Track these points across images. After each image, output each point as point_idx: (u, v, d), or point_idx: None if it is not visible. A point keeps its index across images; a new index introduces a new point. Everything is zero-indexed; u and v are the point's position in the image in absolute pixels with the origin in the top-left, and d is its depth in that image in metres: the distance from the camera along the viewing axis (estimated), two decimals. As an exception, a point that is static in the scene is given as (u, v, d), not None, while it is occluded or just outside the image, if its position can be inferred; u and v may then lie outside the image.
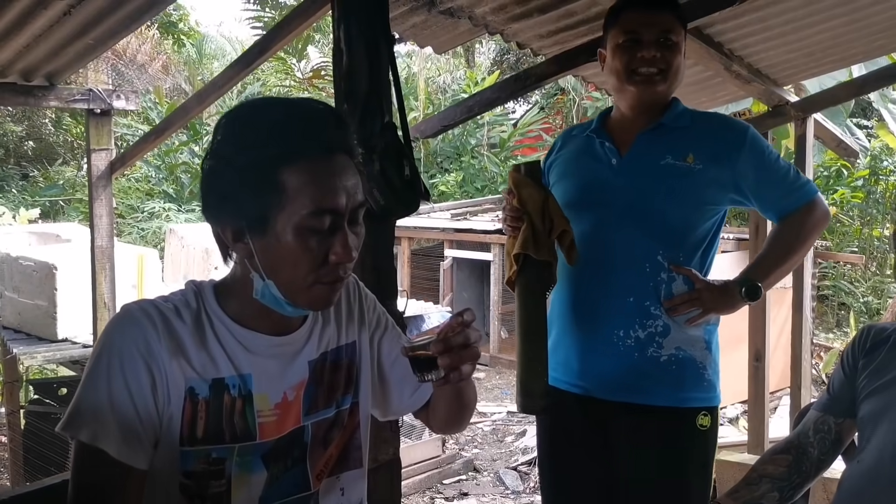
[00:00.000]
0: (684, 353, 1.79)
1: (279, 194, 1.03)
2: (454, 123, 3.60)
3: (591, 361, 1.83)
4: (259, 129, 1.05)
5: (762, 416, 3.89)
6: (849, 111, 7.86)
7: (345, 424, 1.23)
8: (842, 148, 4.25)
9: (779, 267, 1.83)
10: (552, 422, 1.96)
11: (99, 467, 1.03)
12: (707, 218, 1.81)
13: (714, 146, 1.79)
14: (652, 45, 1.76)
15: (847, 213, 9.55)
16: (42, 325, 4.67)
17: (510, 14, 2.84)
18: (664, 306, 1.77)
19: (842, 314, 9.02)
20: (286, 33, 2.67)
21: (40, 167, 14.52)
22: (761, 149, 1.81)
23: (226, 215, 1.07)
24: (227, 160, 1.05)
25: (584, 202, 1.85)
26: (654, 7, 1.79)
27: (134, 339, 1.04)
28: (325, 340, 1.21)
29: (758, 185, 1.80)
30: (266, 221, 1.04)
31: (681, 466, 1.79)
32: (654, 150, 1.80)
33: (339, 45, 1.86)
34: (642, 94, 1.80)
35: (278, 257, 1.05)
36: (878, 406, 1.53)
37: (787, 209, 1.82)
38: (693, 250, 1.81)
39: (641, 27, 1.77)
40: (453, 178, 12.55)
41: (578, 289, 1.85)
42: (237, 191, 1.04)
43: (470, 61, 16.04)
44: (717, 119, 1.93)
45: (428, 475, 5.08)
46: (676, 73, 1.80)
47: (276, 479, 1.14)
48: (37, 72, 3.42)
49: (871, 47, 3.39)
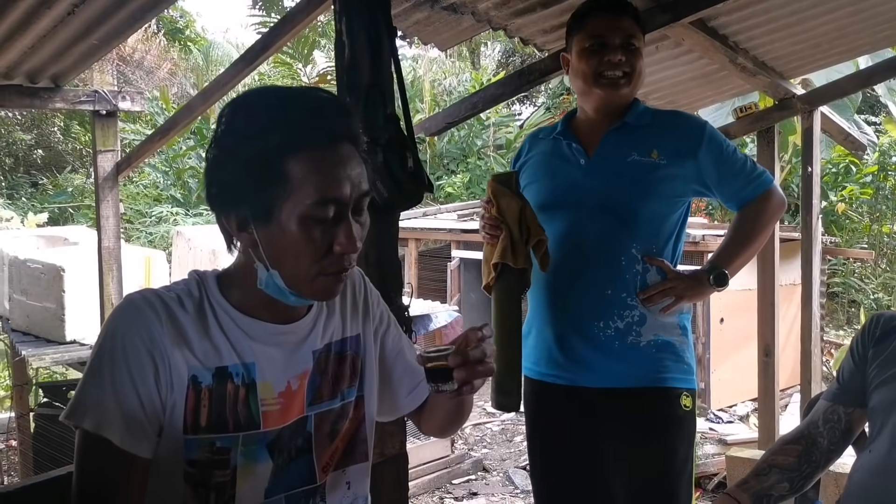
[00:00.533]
0: (662, 338, 1.87)
1: (283, 184, 1.02)
2: (459, 120, 3.60)
3: (574, 352, 1.89)
4: (262, 119, 1.04)
5: (772, 412, 3.86)
6: (856, 106, 7.83)
7: (350, 417, 1.22)
8: (849, 141, 4.23)
9: (742, 254, 1.92)
10: (540, 417, 2.01)
11: (103, 456, 1.02)
12: (675, 209, 1.90)
13: (676, 142, 1.88)
14: (618, 50, 1.84)
15: (856, 209, 9.49)
16: (50, 328, 4.68)
17: (513, 9, 2.83)
18: (639, 297, 1.85)
19: (852, 311, 8.97)
20: (289, 29, 2.68)
21: (49, 175, 14.60)
22: (719, 142, 1.90)
23: (229, 205, 1.06)
24: (230, 150, 1.04)
25: (557, 202, 1.93)
26: (618, 12, 1.87)
27: (137, 328, 1.04)
28: (329, 331, 1.21)
29: (718, 176, 1.89)
30: (270, 211, 1.03)
31: (670, 444, 1.84)
32: (620, 149, 1.89)
33: (342, 37, 1.85)
34: (608, 96, 1.88)
35: (282, 247, 1.05)
36: (889, 396, 1.51)
37: (746, 198, 1.91)
38: (665, 241, 1.90)
39: (607, 32, 1.85)
40: (459, 180, 12.55)
41: (557, 286, 1.92)
42: (241, 181, 1.03)
43: (475, 63, 16.06)
44: (677, 116, 2.05)
45: (437, 475, 5.07)
46: (639, 75, 1.89)
47: (281, 470, 1.14)
48: (42, 73, 3.43)
49: (877, 38, 3.37)
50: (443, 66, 15.68)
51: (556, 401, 1.94)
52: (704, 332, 7.03)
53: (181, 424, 1.06)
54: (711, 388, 6.94)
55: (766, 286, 3.89)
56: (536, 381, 1.97)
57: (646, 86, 3.80)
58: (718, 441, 6.03)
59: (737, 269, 1.92)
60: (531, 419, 2.04)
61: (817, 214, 3.90)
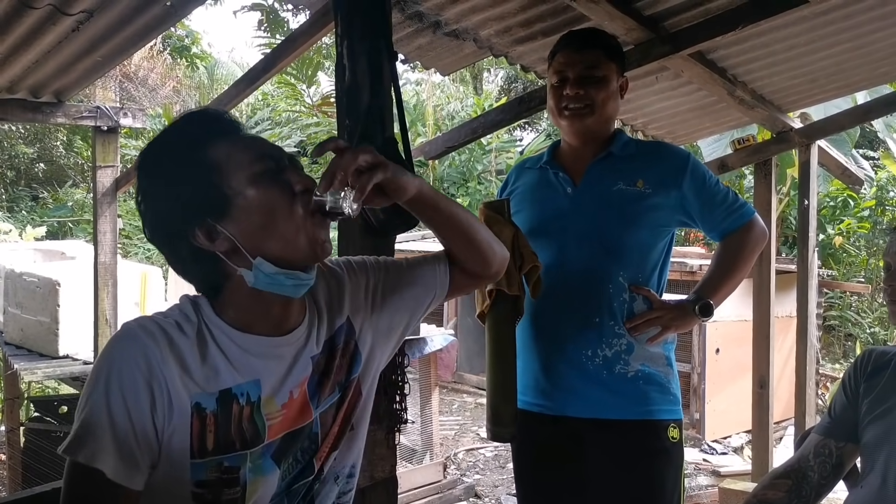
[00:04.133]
0: (649, 368, 1.88)
1: (215, 169, 1.05)
2: (459, 145, 3.62)
3: (562, 381, 1.89)
4: (166, 144, 1.10)
5: (766, 444, 3.84)
6: (854, 141, 7.88)
7: (348, 399, 1.23)
8: (846, 175, 4.25)
9: (725, 285, 1.94)
10: (526, 446, 2.00)
11: (93, 487, 1.01)
12: (660, 238, 1.91)
13: (660, 172, 1.90)
14: (575, 84, 1.88)
15: (853, 243, 9.51)
16: (44, 342, 4.66)
17: (515, 36, 2.86)
18: (626, 326, 1.86)
19: (848, 345, 8.95)
20: (291, 50, 2.70)
21: (50, 189, 14.61)
22: (701, 173, 1.93)
23: (185, 225, 1.07)
24: (151, 188, 1.09)
25: (544, 230, 1.94)
26: (581, 46, 1.90)
27: (134, 357, 1.03)
28: (323, 333, 1.21)
29: (701, 207, 1.92)
30: (221, 199, 1.05)
31: (658, 476, 1.84)
32: (605, 178, 1.91)
33: (342, 60, 1.87)
34: (573, 126, 1.92)
35: (256, 223, 1.06)
36: (881, 431, 1.51)
37: (727, 230, 1.94)
38: (651, 270, 1.91)
39: (566, 67, 1.90)
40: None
41: (544, 314, 1.93)
42: (178, 197, 1.06)
43: (478, 89, 16.16)
44: (661, 147, 2.11)
45: (428, 500, 5.02)
46: (604, 104, 1.89)
47: (288, 474, 1.14)
48: (45, 88, 3.46)
49: (875, 74, 3.40)
50: (446, 90, 15.78)
51: (543, 430, 1.93)
52: (700, 363, 7.01)
53: (187, 450, 1.05)
54: (706, 418, 6.90)
55: (762, 317, 3.89)
56: (523, 410, 1.95)
57: (644, 116, 3.84)
58: (712, 472, 6.00)
59: (721, 299, 1.94)
60: (518, 448, 2.03)
61: (813, 247, 3.92)
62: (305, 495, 1.18)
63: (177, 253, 1.11)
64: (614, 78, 1.92)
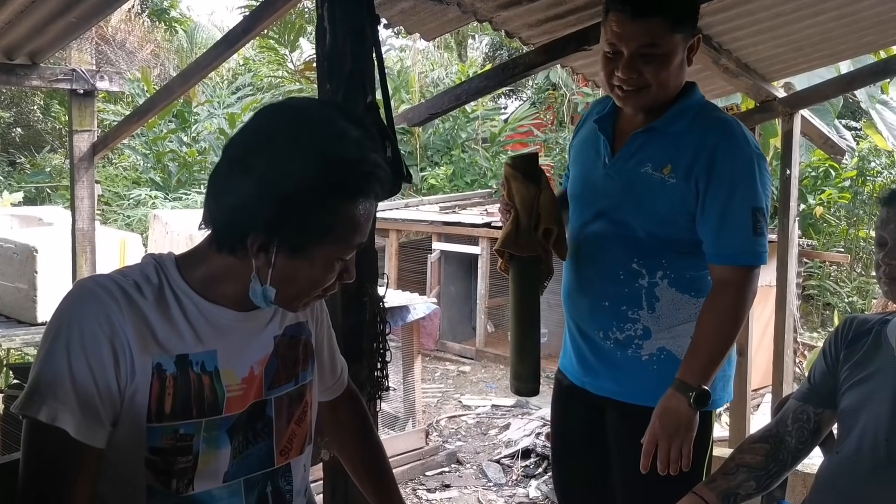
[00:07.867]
0: (667, 352, 1.77)
1: (327, 229, 1.04)
2: (442, 112, 3.58)
3: (582, 355, 1.88)
4: (312, 158, 1.02)
5: (744, 412, 3.90)
6: (837, 111, 7.89)
7: (305, 400, 1.24)
8: (829, 145, 4.26)
9: (716, 362, 1.68)
10: (558, 417, 2.02)
11: (57, 447, 1.00)
12: (682, 230, 1.73)
13: (698, 162, 1.67)
14: (628, 66, 1.63)
15: (834, 213, 9.58)
16: (22, 309, 4.62)
17: (499, 2, 2.82)
18: (643, 472, 1.66)
19: (826, 314, 9.05)
20: (271, 13, 2.64)
21: (28, 154, 14.37)
22: (751, 191, 1.68)
23: (255, 229, 1.04)
24: (273, 181, 1.02)
25: (575, 196, 1.90)
26: (639, 14, 1.60)
27: (96, 316, 1.01)
28: (288, 316, 1.23)
29: (706, 208, 1.69)
30: (302, 248, 1.05)
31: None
32: (638, 155, 1.74)
33: (323, 23, 1.84)
34: (624, 104, 1.74)
35: (296, 276, 1.08)
36: (859, 399, 1.52)
37: (724, 259, 1.69)
38: (677, 257, 1.75)
39: (619, 41, 1.63)
40: (443, 172, 12.50)
41: (569, 282, 1.90)
42: (280, 214, 1.02)
43: (462, 56, 16.00)
44: (725, 133, 1.70)
45: (410, 466, 5.06)
46: (664, 82, 1.66)
47: (239, 454, 1.14)
48: (19, 50, 3.38)
49: (860, 43, 3.40)
50: (430, 57, 15.61)
51: (572, 403, 1.94)
52: (681, 331, 7.06)
53: (144, 412, 1.05)
54: (686, 386, 6.97)
55: (742, 287, 3.90)
56: (562, 377, 1.97)
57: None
58: (691, 439, 6.07)
59: (712, 377, 1.69)
60: (552, 418, 2.05)
61: (794, 217, 3.93)
62: (265, 489, 1.19)
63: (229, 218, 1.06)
64: (680, 49, 1.65)
